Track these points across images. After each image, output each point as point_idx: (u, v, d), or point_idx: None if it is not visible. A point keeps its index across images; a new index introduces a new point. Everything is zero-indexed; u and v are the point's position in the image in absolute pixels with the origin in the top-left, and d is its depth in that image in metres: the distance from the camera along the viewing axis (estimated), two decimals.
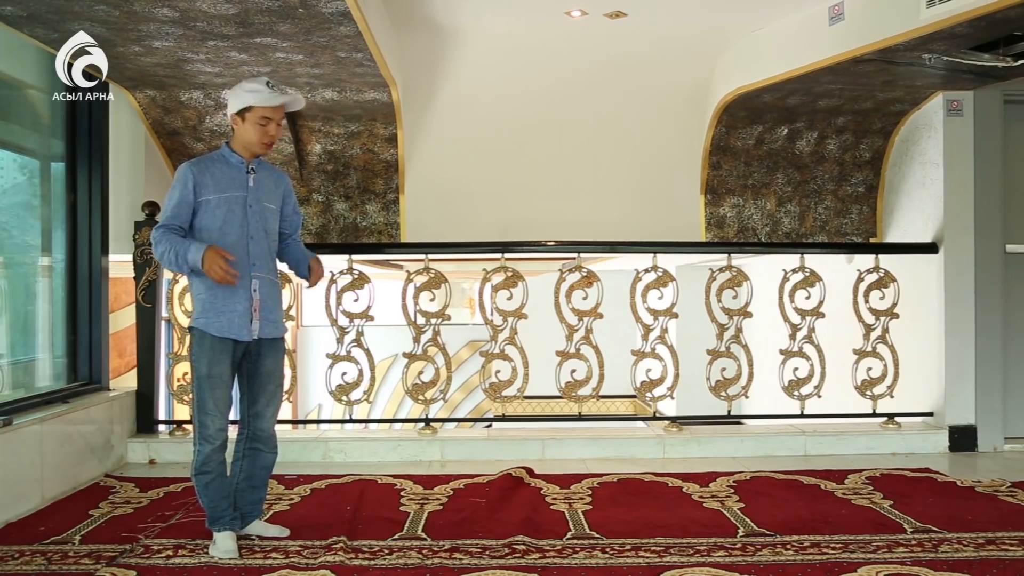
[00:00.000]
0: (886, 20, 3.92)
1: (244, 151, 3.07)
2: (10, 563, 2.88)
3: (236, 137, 3.07)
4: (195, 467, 2.99)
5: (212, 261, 2.87)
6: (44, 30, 3.71)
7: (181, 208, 2.98)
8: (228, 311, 2.98)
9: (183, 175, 3.02)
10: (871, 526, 3.24)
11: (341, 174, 5.38)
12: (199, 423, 2.99)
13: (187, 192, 2.99)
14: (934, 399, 4.85)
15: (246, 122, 3.02)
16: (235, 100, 3.03)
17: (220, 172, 3.05)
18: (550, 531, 3.19)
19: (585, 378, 4.73)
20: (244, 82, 3.06)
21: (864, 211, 5.59)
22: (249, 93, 3.01)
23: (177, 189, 3.00)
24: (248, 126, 3.02)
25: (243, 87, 3.03)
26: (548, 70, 5.39)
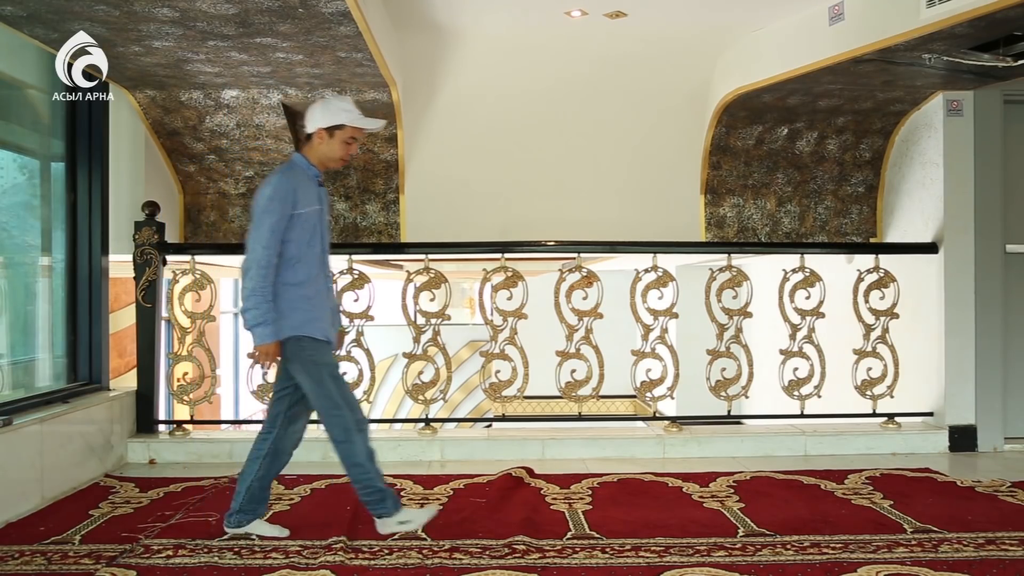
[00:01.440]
0: (886, 20, 3.92)
1: (319, 164, 3.15)
2: (10, 563, 2.88)
3: (314, 150, 3.14)
4: (353, 461, 3.09)
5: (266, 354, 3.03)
6: (44, 30, 3.71)
7: (279, 227, 2.99)
8: (322, 318, 3.13)
9: (285, 189, 3.03)
10: (871, 526, 3.24)
11: (341, 174, 5.38)
12: (342, 421, 3.10)
13: (287, 207, 3.01)
14: (934, 399, 4.85)
15: (333, 138, 3.12)
16: (326, 115, 3.09)
17: (304, 185, 3.10)
18: (550, 531, 3.19)
19: (585, 378, 4.73)
20: (332, 99, 3.14)
21: (864, 211, 5.59)
22: (343, 112, 3.10)
23: (277, 204, 3.00)
24: (335, 143, 3.13)
25: (335, 104, 3.11)
26: (548, 70, 5.39)
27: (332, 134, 3.12)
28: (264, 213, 3.00)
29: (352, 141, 3.16)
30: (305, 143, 3.19)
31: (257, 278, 2.98)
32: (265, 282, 2.99)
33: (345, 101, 3.15)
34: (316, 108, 3.14)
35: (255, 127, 4.99)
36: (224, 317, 10.82)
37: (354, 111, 3.14)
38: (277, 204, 3.00)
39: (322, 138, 3.12)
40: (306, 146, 3.18)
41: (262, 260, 2.98)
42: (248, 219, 5.33)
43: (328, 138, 3.12)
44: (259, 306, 2.98)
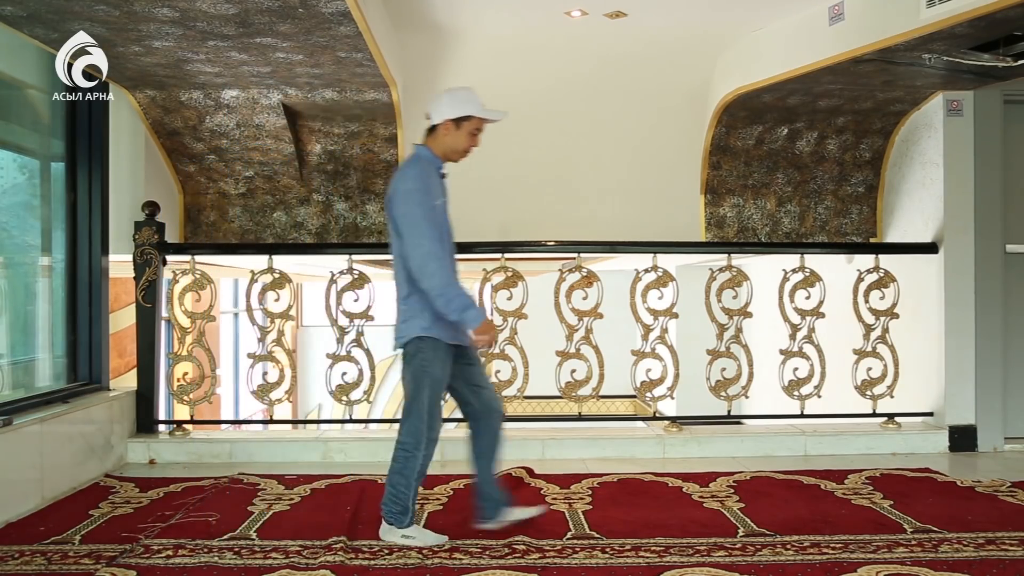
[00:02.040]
0: (886, 20, 3.92)
1: (443, 156, 3.12)
2: (10, 563, 2.88)
3: (439, 141, 3.11)
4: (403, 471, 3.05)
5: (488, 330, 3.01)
6: (44, 30, 3.71)
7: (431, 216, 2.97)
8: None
9: (424, 179, 3.00)
10: (871, 526, 3.24)
11: (341, 174, 5.38)
12: (426, 427, 3.06)
13: (430, 197, 2.99)
14: (934, 399, 4.85)
15: (460, 129, 3.08)
16: (454, 106, 3.06)
17: (434, 177, 3.07)
18: (550, 531, 3.19)
19: (585, 378, 4.72)
20: (458, 91, 3.11)
21: (864, 211, 5.59)
22: (470, 103, 3.07)
23: (421, 194, 2.97)
24: (462, 134, 3.10)
25: (462, 95, 3.08)
26: (548, 70, 5.39)
27: (459, 125, 3.08)
28: (415, 206, 2.95)
29: (477, 132, 3.12)
30: (428, 135, 3.14)
31: (439, 272, 2.95)
32: (448, 271, 2.97)
33: (470, 92, 3.11)
34: (443, 99, 3.10)
35: (255, 127, 4.99)
36: (224, 317, 10.83)
37: (479, 102, 3.10)
38: (422, 195, 2.97)
39: (448, 129, 3.08)
40: (430, 137, 3.13)
41: (436, 252, 2.95)
42: (249, 219, 5.36)
43: (455, 129, 3.08)
44: (458, 295, 2.96)
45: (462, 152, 3.14)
